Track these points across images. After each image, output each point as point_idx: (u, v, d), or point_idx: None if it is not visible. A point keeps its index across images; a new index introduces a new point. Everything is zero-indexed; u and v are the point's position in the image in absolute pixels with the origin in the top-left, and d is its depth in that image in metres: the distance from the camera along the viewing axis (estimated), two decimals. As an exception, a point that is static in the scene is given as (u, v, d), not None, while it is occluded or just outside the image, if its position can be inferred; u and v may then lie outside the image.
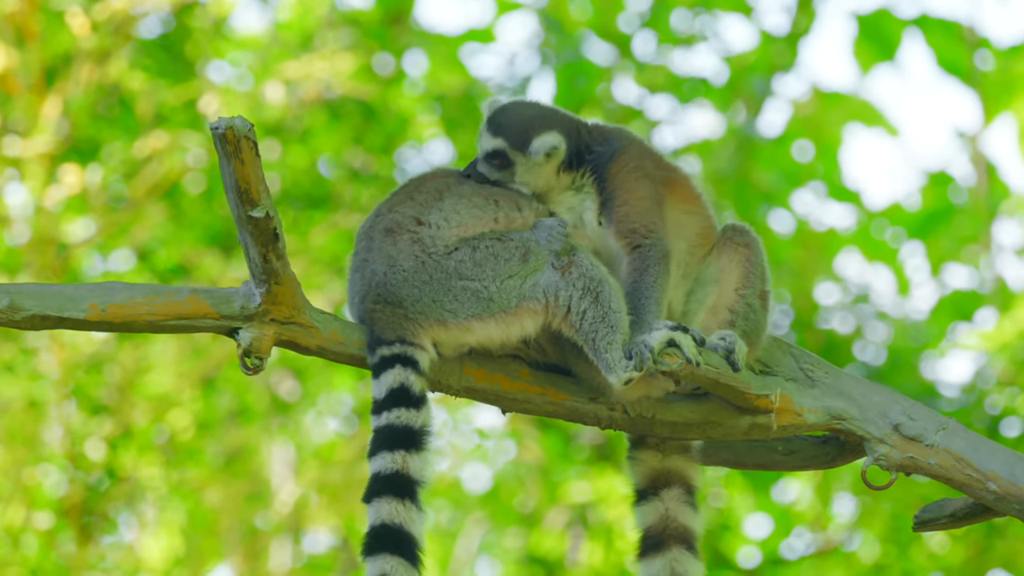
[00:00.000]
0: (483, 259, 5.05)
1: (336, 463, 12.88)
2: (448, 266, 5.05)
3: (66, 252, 11.19)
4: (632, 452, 5.38)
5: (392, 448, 4.92)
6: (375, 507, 4.87)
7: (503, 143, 5.18)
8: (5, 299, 4.91)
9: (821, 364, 5.34)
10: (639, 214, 5.16)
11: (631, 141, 5.27)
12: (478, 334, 5.05)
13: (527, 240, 5.08)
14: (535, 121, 5.19)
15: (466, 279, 5.04)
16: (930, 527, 5.43)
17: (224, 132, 4.80)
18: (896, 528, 12.04)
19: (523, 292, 5.03)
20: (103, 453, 11.24)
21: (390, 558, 4.81)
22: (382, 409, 4.99)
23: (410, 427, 4.95)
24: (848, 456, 5.43)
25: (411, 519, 4.86)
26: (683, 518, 5.29)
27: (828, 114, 14.12)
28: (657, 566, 5.26)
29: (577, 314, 5.01)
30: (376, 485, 4.89)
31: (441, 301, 5.03)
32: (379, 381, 5.01)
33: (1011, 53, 14.27)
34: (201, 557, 12.56)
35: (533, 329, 5.06)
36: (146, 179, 11.34)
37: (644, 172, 5.22)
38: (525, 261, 5.06)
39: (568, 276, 5.01)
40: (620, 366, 4.98)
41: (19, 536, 10.98)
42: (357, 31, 12.42)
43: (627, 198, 5.18)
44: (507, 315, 5.04)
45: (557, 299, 5.02)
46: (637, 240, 5.12)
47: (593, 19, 13.44)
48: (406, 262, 5.06)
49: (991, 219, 13.89)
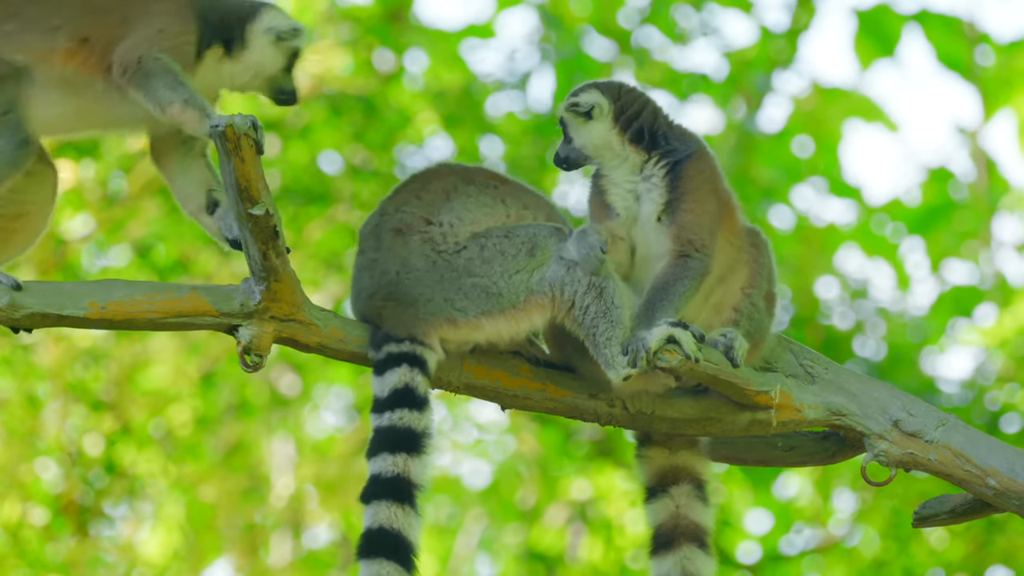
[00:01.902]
0: (491, 256, 5.08)
1: (334, 457, 12.88)
2: (458, 264, 5.07)
3: (63, 248, 11.19)
4: (640, 450, 5.38)
5: (393, 450, 4.93)
6: (374, 509, 4.88)
7: (561, 110, 5.25)
8: (5, 297, 4.91)
9: (821, 360, 5.35)
10: (700, 227, 5.17)
11: (707, 151, 5.31)
12: (488, 331, 5.08)
13: (534, 234, 5.11)
14: (582, 87, 5.26)
15: (476, 276, 5.06)
16: (930, 523, 5.43)
17: (224, 130, 4.81)
18: (896, 524, 12.04)
19: (530, 286, 5.05)
20: (101, 449, 11.24)
21: (386, 563, 4.83)
22: (385, 408, 4.99)
23: (412, 429, 4.96)
24: (848, 452, 5.43)
25: (409, 524, 4.87)
26: (694, 514, 5.30)
27: (828, 110, 14.12)
28: (668, 564, 5.27)
29: (580, 309, 5.03)
30: (375, 487, 4.90)
31: (452, 300, 5.04)
32: (383, 378, 5.01)
33: (1011, 48, 14.26)
34: (200, 552, 12.56)
35: (541, 323, 5.09)
36: (141, 174, 11.33)
37: (714, 187, 5.26)
38: (532, 255, 5.09)
39: (573, 270, 5.03)
40: (619, 362, 5.00)
41: (17, 532, 10.98)
42: (357, 27, 12.42)
43: (694, 207, 5.19)
44: (516, 311, 5.06)
45: (563, 293, 5.04)
46: (689, 251, 5.13)
47: (593, 15, 13.43)
48: (419, 262, 5.07)
49: (991, 215, 13.89)
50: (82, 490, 11.18)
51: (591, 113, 5.20)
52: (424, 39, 13.03)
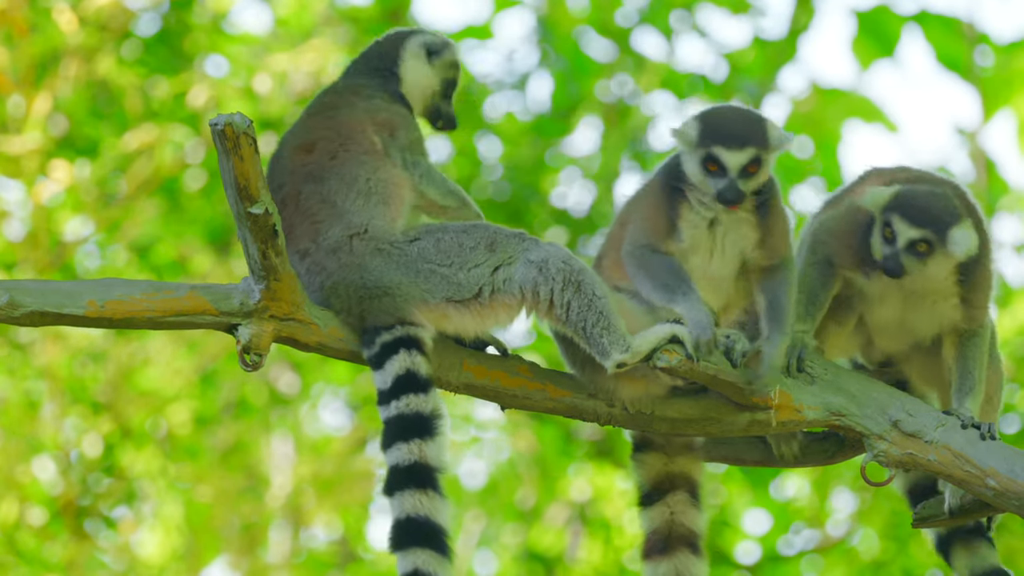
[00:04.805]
0: (448, 247, 5.11)
1: (331, 456, 12.88)
2: (412, 252, 5.10)
3: (61, 248, 11.18)
4: (637, 455, 5.39)
5: (407, 438, 4.94)
6: (398, 500, 4.89)
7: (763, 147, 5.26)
8: (4, 296, 4.91)
9: (820, 360, 5.35)
10: (786, 245, 5.27)
11: (775, 180, 5.38)
12: (455, 322, 5.10)
13: (493, 232, 5.13)
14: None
15: (431, 263, 5.09)
16: (929, 523, 5.44)
17: (223, 128, 4.81)
18: (895, 524, 12.03)
19: (495, 284, 5.07)
20: (99, 449, 11.23)
21: (420, 552, 4.85)
22: (390, 398, 4.99)
23: (421, 414, 4.96)
24: (847, 452, 5.44)
25: (435, 509, 4.89)
26: (688, 520, 5.31)
27: (827, 110, 14.11)
28: (662, 569, 5.29)
29: (561, 306, 5.03)
30: (396, 477, 4.92)
31: (416, 282, 5.07)
32: (383, 371, 5.01)
33: (1011, 49, 14.25)
34: (198, 552, 12.55)
35: (508, 322, 5.11)
36: (137, 174, 11.33)
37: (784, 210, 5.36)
38: (492, 251, 5.10)
39: (546, 270, 5.03)
40: (616, 348, 4.99)
41: (14, 533, 10.96)
42: (355, 27, 12.41)
43: (783, 234, 5.27)
44: (482, 307, 5.08)
45: (537, 294, 5.05)
46: (780, 263, 5.27)
47: (592, 15, 13.43)
48: (373, 260, 5.10)
49: (990, 215, 13.88)
50: (80, 490, 11.17)
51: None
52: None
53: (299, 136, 5.31)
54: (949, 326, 5.37)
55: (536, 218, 12.39)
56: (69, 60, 11.21)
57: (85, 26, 11.20)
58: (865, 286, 5.37)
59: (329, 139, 5.26)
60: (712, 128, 5.15)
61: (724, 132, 5.13)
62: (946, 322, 5.37)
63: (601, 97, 13.26)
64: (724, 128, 5.15)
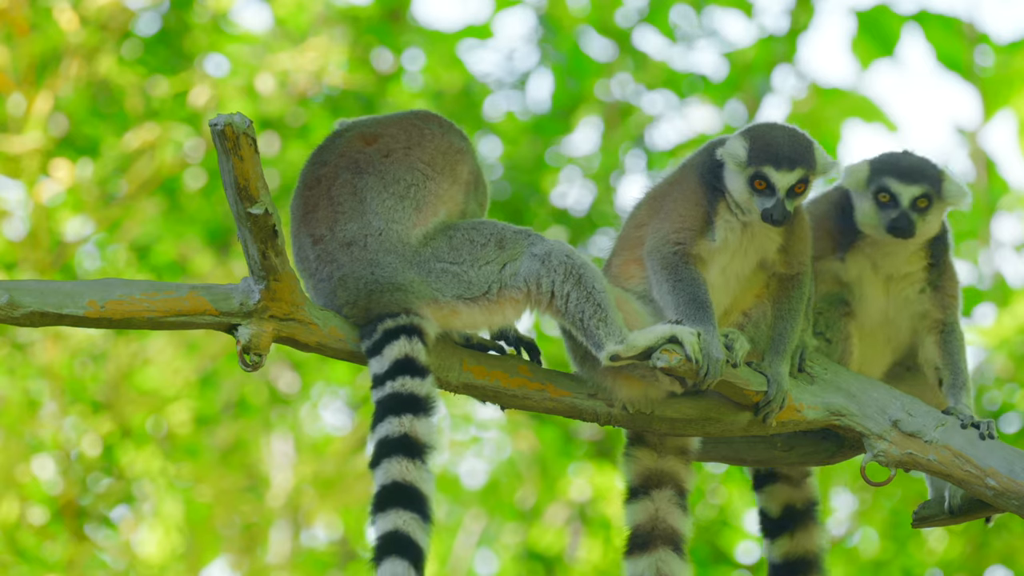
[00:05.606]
0: (460, 244, 5.11)
1: (332, 455, 12.87)
2: (426, 252, 5.10)
3: (61, 248, 11.18)
4: (629, 449, 5.39)
5: (399, 413, 4.90)
6: (384, 468, 4.82)
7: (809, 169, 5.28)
8: (4, 296, 4.91)
9: (820, 360, 5.35)
10: (807, 255, 5.29)
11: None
12: (464, 318, 5.10)
13: (501, 229, 5.13)
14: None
15: (444, 262, 5.09)
16: (929, 523, 5.44)
17: (223, 129, 4.81)
18: (895, 524, 12.03)
19: (503, 279, 5.08)
20: (99, 449, 11.23)
21: (403, 512, 4.78)
22: (385, 379, 4.97)
23: (415, 394, 4.95)
24: (847, 452, 5.44)
25: (422, 478, 4.82)
26: (672, 520, 5.31)
27: (827, 110, 14.11)
28: (643, 565, 5.29)
29: (561, 298, 5.04)
30: (384, 448, 4.86)
31: (428, 281, 5.07)
32: (381, 356, 5.00)
33: (1011, 49, 14.26)
34: (198, 552, 12.55)
35: (515, 318, 5.12)
36: (138, 173, 11.33)
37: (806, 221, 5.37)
38: (501, 248, 5.11)
39: (548, 262, 5.04)
40: (610, 340, 4.99)
41: (14, 532, 10.96)
42: (355, 27, 12.41)
43: (805, 241, 5.29)
44: (490, 303, 5.08)
45: (540, 286, 5.06)
46: (798, 270, 5.30)
47: (592, 15, 13.43)
48: (386, 257, 5.09)
49: (990, 215, 13.88)
50: (80, 490, 11.17)
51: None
52: (422, 39, 13.03)
53: (371, 126, 5.30)
54: (929, 322, 5.40)
55: (536, 217, 12.39)
56: (70, 60, 11.22)
57: (86, 25, 11.20)
58: (841, 271, 5.42)
59: (395, 138, 5.25)
60: (762, 147, 5.15)
61: (774, 152, 5.14)
62: (923, 312, 5.42)
63: (601, 96, 13.27)
64: (774, 148, 5.15)
